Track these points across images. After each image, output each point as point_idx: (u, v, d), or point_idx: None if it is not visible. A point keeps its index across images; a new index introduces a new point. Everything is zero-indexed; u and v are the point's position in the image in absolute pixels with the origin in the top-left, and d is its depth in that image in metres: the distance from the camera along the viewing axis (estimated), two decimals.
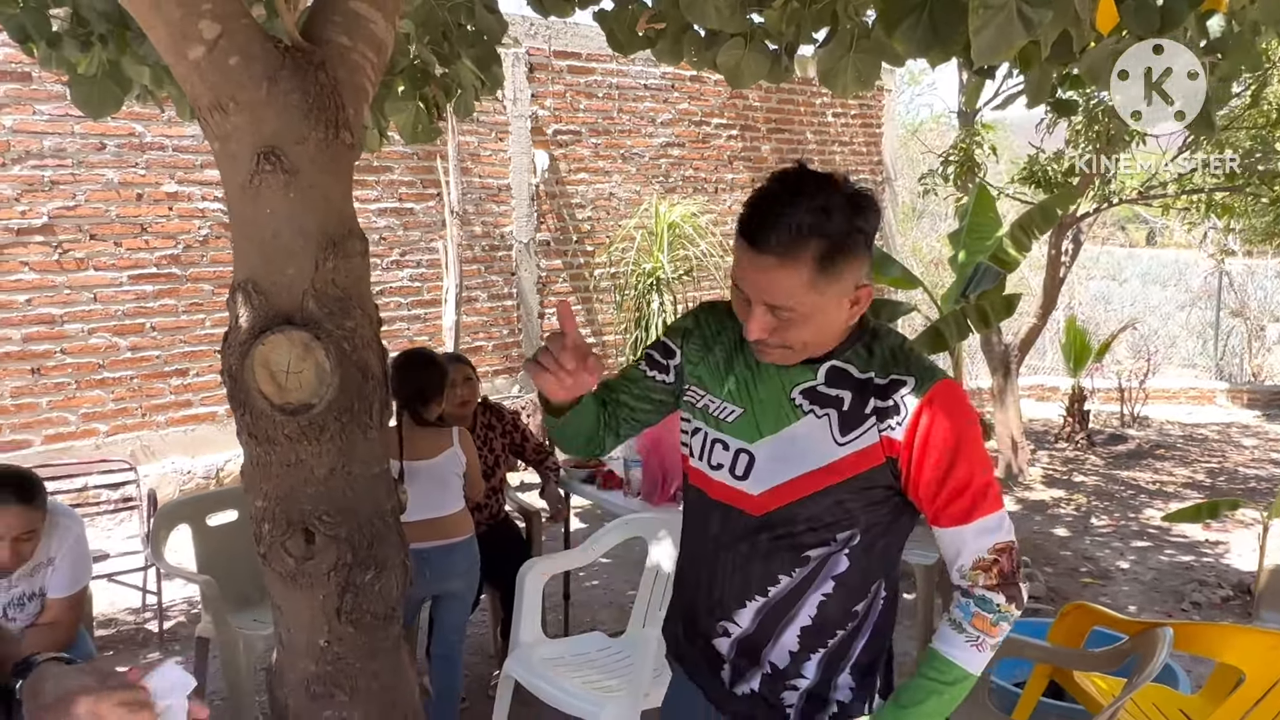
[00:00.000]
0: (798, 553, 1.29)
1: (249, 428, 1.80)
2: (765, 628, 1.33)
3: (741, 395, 1.34)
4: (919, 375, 1.24)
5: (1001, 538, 1.24)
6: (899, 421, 1.23)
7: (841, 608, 1.32)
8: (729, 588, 1.34)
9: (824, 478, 1.25)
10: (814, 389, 1.28)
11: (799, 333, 1.22)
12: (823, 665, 1.34)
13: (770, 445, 1.29)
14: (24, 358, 5.06)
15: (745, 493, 1.31)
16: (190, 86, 1.72)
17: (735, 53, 2.52)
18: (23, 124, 4.99)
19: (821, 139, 8.87)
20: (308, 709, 1.99)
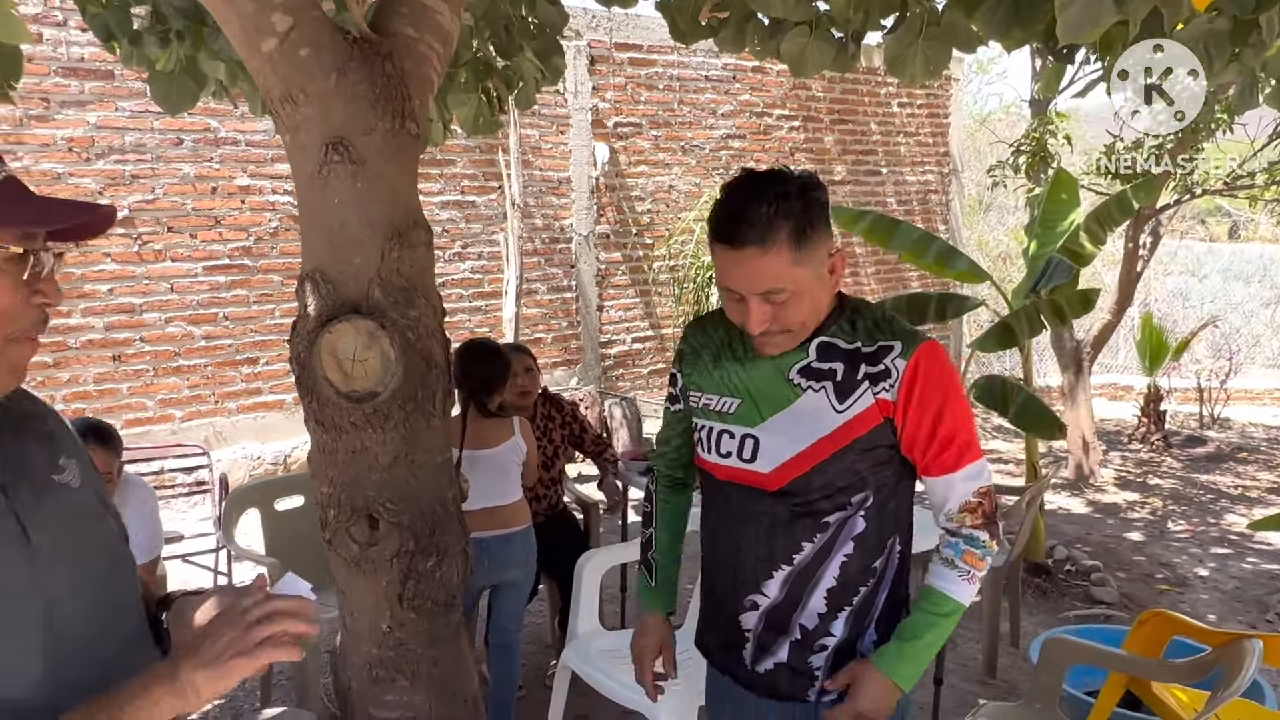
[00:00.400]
0: (817, 519, 1.38)
1: (316, 415, 1.83)
2: (793, 594, 1.41)
3: (735, 387, 1.43)
4: (904, 339, 1.35)
5: (983, 482, 1.38)
6: (891, 384, 1.33)
7: (862, 565, 1.40)
8: (755, 561, 1.42)
9: (830, 445, 1.35)
10: (808, 366, 1.37)
11: (795, 312, 1.32)
12: (849, 622, 1.42)
13: (773, 425, 1.38)
14: (106, 345, 5.27)
15: (755, 472, 1.40)
16: (263, 79, 1.75)
17: (800, 41, 2.48)
18: (106, 120, 5.18)
19: (886, 130, 8.69)
20: (370, 692, 2.02)
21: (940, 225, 9.27)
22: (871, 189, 8.66)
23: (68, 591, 0.87)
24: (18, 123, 4.94)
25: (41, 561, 0.85)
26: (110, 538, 0.99)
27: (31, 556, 0.84)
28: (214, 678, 0.82)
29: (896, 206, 8.89)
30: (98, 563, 0.94)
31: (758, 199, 1.27)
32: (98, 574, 0.93)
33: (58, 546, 0.88)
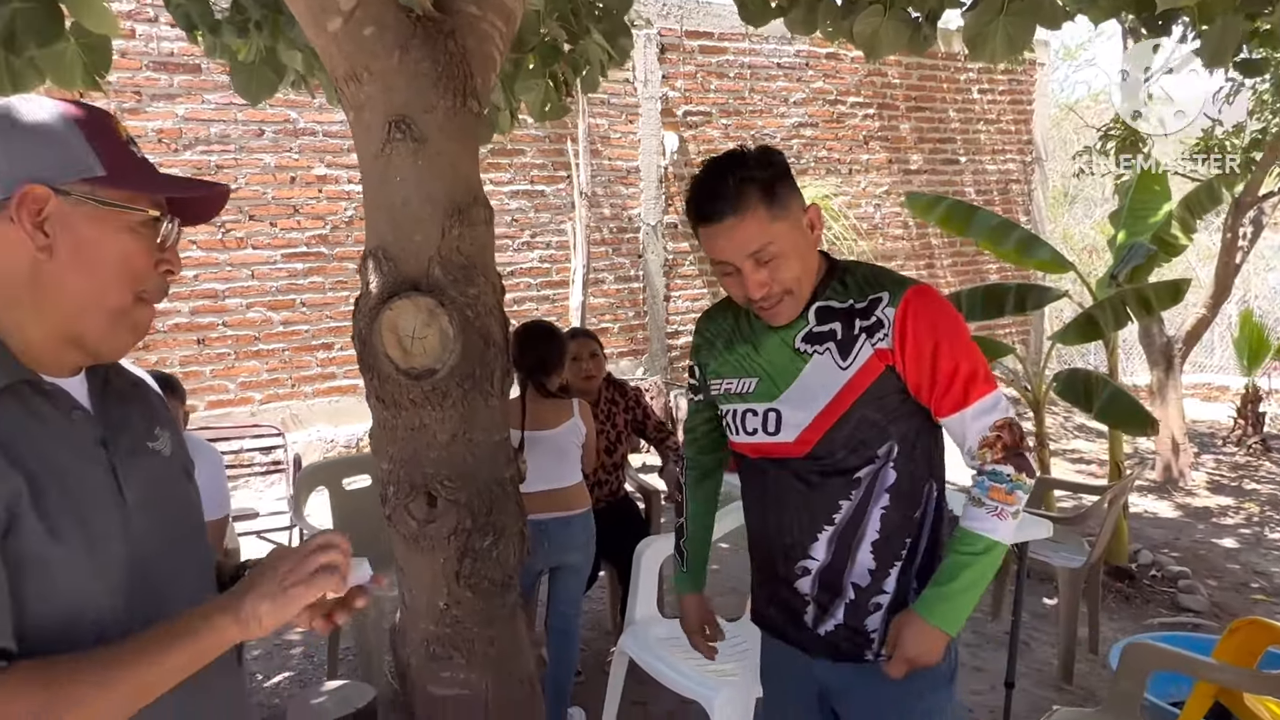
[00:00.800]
0: (848, 476, 1.41)
1: (377, 391, 1.84)
2: (840, 553, 1.44)
3: (751, 367, 1.49)
4: (891, 289, 1.40)
5: (999, 415, 1.38)
6: (885, 333, 1.37)
7: (902, 515, 1.43)
8: (798, 527, 1.46)
9: (842, 401, 1.39)
10: (810, 332, 1.42)
11: (787, 268, 1.37)
12: (900, 577, 1.44)
13: (790, 396, 1.43)
14: (191, 329, 5.49)
15: (782, 443, 1.44)
16: (329, 58, 1.77)
17: (873, 21, 2.40)
18: (193, 113, 5.39)
19: (965, 117, 8.42)
20: (427, 668, 2.04)
21: (1022, 216, 8.95)
22: (949, 178, 8.40)
23: (149, 544, 0.93)
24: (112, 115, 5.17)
25: (130, 515, 0.91)
26: (191, 506, 1.06)
27: (123, 508, 0.90)
28: (275, 606, 0.86)
29: (975, 196, 8.60)
30: (178, 524, 1.00)
31: (721, 176, 1.36)
32: (177, 534, 0.99)
33: (145, 504, 0.93)
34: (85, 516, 0.86)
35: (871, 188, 7.96)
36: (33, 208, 0.85)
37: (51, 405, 0.88)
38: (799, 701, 1.58)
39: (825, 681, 1.53)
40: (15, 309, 0.87)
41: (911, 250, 8.33)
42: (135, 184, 0.90)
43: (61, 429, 0.88)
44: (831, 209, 7.02)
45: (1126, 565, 4.25)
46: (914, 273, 8.39)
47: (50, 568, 0.82)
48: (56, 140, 0.87)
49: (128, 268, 0.90)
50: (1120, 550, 4.26)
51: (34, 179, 0.85)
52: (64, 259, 0.86)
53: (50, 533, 0.81)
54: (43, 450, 0.84)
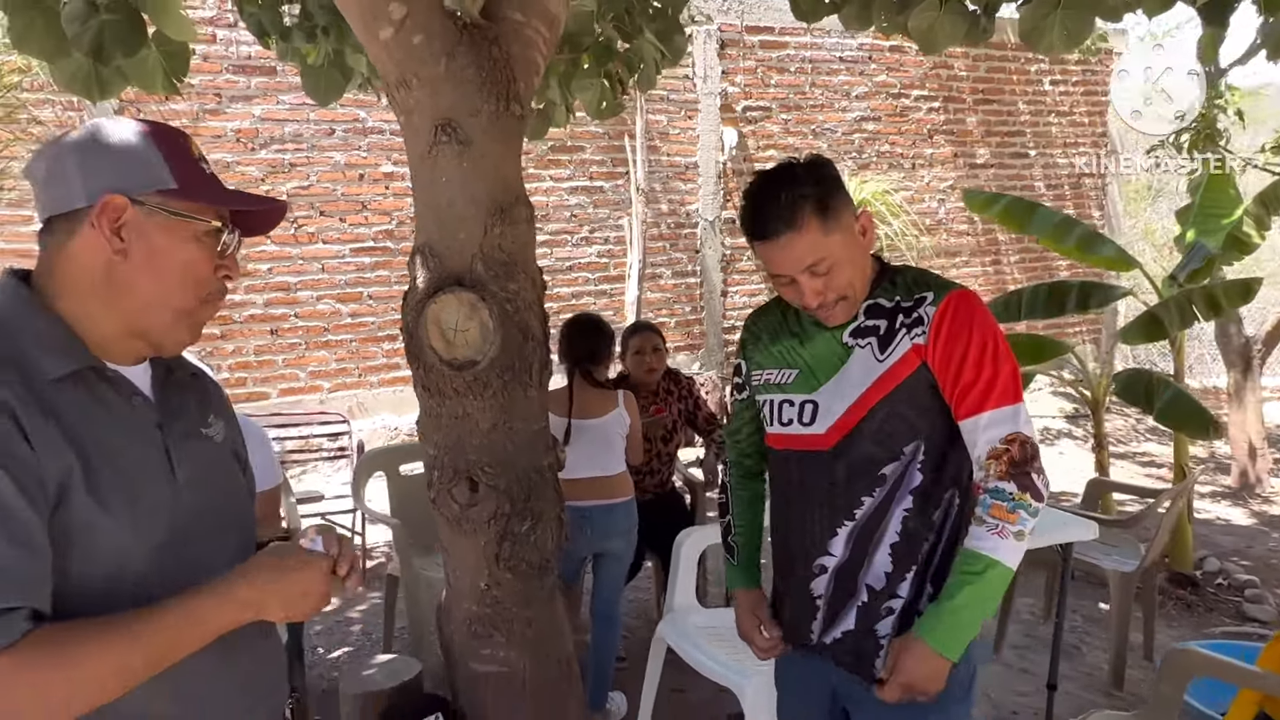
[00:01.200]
0: (873, 471, 1.42)
1: (423, 380, 1.94)
2: (858, 552, 1.45)
3: (793, 359, 1.53)
4: (936, 290, 1.43)
5: (1014, 429, 1.35)
6: (923, 329, 1.40)
7: (923, 518, 1.43)
8: (820, 522, 1.47)
9: (875, 393, 1.42)
10: (859, 327, 1.46)
11: (843, 276, 1.41)
12: (915, 581, 1.44)
13: (830, 388, 1.47)
14: (265, 320, 5.75)
15: (814, 434, 1.47)
16: (381, 65, 1.87)
17: (929, 15, 2.36)
18: (268, 113, 5.63)
19: (1036, 109, 8.19)
20: (469, 646, 2.14)
21: (1095, 211, 8.67)
22: (1018, 172, 8.20)
23: (195, 520, 1.03)
24: (195, 116, 5.45)
25: (180, 492, 1.01)
26: (237, 488, 1.16)
27: (173, 485, 1.01)
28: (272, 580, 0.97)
29: (1045, 191, 8.38)
30: (224, 504, 1.10)
31: (774, 192, 1.39)
32: (222, 512, 1.09)
33: (194, 483, 1.04)
34: (136, 492, 0.95)
35: (935, 183, 7.83)
36: (112, 215, 0.95)
37: (114, 391, 0.98)
38: (812, 705, 1.59)
39: (838, 686, 1.53)
40: (90, 303, 0.97)
41: (977, 246, 8.16)
42: (203, 197, 1.01)
43: (122, 412, 0.98)
44: (891, 204, 6.93)
45: (1190, 572, 4.12)
46: (979, 270, 8.22)
47: (97, 536, 0.91)
48: (136, 156, 0.97)
49: (191, 273, 1.00)
50: (1184, 557, 4.14)
51: (114, 190, 0.95)
52: (136, 262, 0.97)
53: (100, 505, 0.91)
54: (101, 431, 0.94)
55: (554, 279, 6.53)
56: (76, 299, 0.97)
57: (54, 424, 0.89)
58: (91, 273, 0.96)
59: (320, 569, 0.99)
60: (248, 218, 1.08)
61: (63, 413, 0.91)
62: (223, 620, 0.94)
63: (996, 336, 1.40)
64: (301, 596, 0.98)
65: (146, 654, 0.89)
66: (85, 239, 0.96)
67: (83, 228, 0.95)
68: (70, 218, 0.96)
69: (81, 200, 0.95)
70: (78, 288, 0.97)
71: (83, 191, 0.95)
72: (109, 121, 1.00)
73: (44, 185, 0.98)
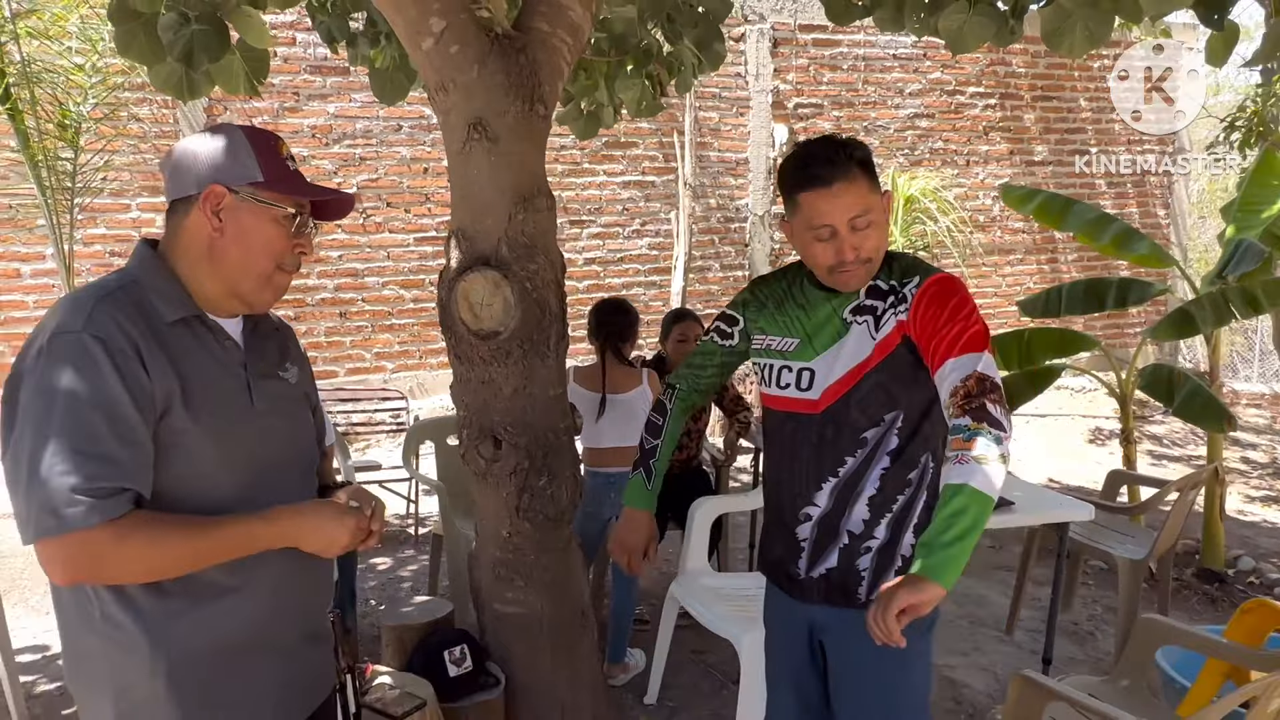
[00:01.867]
0: (856, 434, 1.58)
1: (454, 349, 2.21)
2: (840, 503, 1.61)
3: (796, 328, 1.67)
4: (922, 273, 1.56)
5: (973, 369, 1.41)
6: (906, 307, 1.54)
7: (899, 477, 1.59)
8: (808, 475, 1.63)
9: (863, 367, 1.57)
10: (859, 305, 1.60)
11: (875, 238, 1.54)
12: (891, 526, 1.61)
13: (826, 358, 1.61)
14: (335, 303, 6.16)
15: (808, 399, 1.62)
16: (423, 71, 2.13)
17: (959, 16, 2.44)
18: (341, 110, 6.03)
19: (1098, 106, 8.08)
20: (493, 588, 2.40)
21: (1159, 210, 8.51)
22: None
23: (269, 443, 1.29)
24: (275, 113, 5.87)
25: (256, 418, 1.28)
26: (305, 422, 1.43)
27: (251, 411, 1.27)
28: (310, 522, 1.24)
29: (1106, 189, 8.26)
30: (292, 433, 1.37)
31: (826, 148, 1.54)
32: (290, 440, 1.36)
33: (269, 413, 1.30)
34: (221, 411, 1.22)
35: (990, 180, 7.81)
36: (213, 201, 1.23)
37: (212, 335, 1.26)
38: (791, 639, 1.76)
39: (814, 620, 1.69)
40: (197, 267, 1.25)
41: (1033, 244, 8.11)
42: (284, 189, 1.27)
43: (216, 352, 1.25)
44: (942, 201, 6.97)
45: (1220, 569, 4.14)
46: (1034, 267, 8.16)
47: (189, 446, 1.18)
48: (234, 155, 1.25)
49: (271, 248, 1.27)
50: (1215, 553, 4.16)
51: (217, 181, 1.23)
52: (230, 237, 1.24)
53: (193, 418, 1.18)
54: (200, 365, 1.21)
55: (605, 269, 6.79)
56: (188, 264, 1.25)
57: (165, 356, 1.16)
58: (198, 244, 1.24)
59: (346, 525, 1.25)
60: (323, 206, 1.35)
61: (172, 348, 1.18)
62: (266, 541, 1.20)
63: (970, 305, 1.50)
64: (329, 542, 1.25)
65: (211, 549, 1.16)
66: (194, 218, 1.23)
67: (193, 210, 1.23)
68: (186, 201, 1.24)
69: (194, 188, 1.23)
70: (189, 255, 1.24)
71: (194, 182, 1.23)
72: (219, 126, 1.28)
73: (170, 176, 1.27)
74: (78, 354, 1.10)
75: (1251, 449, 7.02)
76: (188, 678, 1.19)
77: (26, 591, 3.93)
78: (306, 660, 1.35)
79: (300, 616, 1.34)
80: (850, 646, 1.65)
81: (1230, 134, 5.11)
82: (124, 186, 5.60)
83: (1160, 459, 6.73)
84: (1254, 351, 10.04)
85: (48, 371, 1.09)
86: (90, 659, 1.19)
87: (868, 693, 1.63)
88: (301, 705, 1.36)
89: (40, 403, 1.09)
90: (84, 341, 1.10)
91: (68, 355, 1.10)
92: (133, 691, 1.17)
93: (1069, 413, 7.68)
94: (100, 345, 1.10)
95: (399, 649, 2.40)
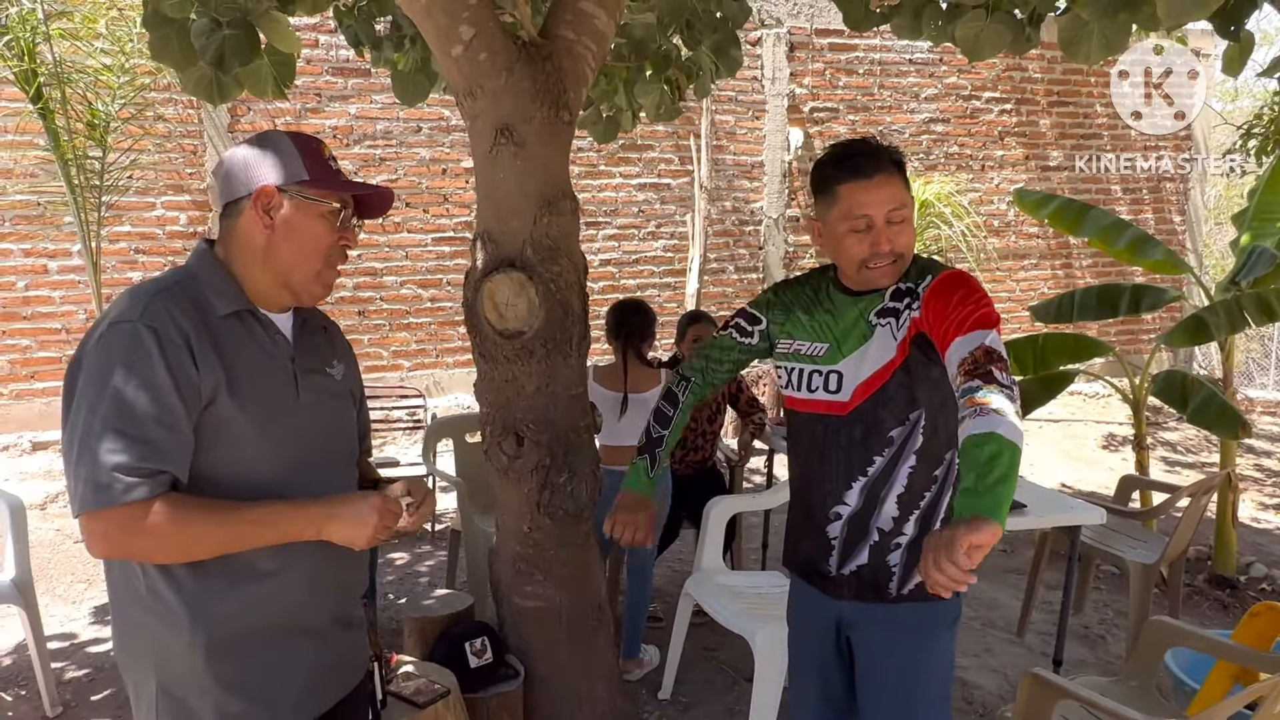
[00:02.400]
0: (883, 434, 1.62)
1: (479, 347, 2.26)
2: (870, 501, 1.65)
3: (825, 334, 1.70)
4: (934, 272, 1.60)
5: (980, 342, 1.42)
6: (919, 304, 1.57)
7: (926, 474, 1.64)
8: (838, 476, 1.67)
9: (889, 368, 1.61)
10: (884, 308, 1.63)
11: (909, 235, 1.60)
12: (919, 522, 1.65)
13: (853, 360, 1.65)
14: (353, 301, 6.24)
15: (837, 401, 1.66)
16: (452, 77, 2.19)
17: (975, 24, 2.48)
18: (362, 111, 6.10)
19: (1114, 112, 8.07)
20: (513, 582, 2.45)
21: (1175, 216, 8.49)
22: (1093, 176, 8.11)
23: (311, 434, 1.35)
24: (297, 114, 5.96)
25: (300, 410, 1.34)
26: (347, 417, 1.47)
27: (296, 403, 1.33)
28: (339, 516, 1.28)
29: (1122, 195, 8.26)
30: (335, 426, 1.42)
31: (869, 146, 1.60)
32: (332, 432, 1.41)
33: (313, 405, 1.36)
34: (266, 404, 1.28)
35: (1005, 185, 7.82)
36: (264, 201, 1.30)
37: (263, 329, 1.32)
38: (818, 634, 1.79)
39: (843, 616, 1.72)
40: (251, 264, 1.31)
41: (1047, 249, 8.11)
42: (328, 186, 1.34)
43: (265, 346, 1.32)
44: (956, 206, 6.99)
45: (1231, 575, 4.16)
46: (1048, 273, 8.17)
47: (233, 433, 1.24)
48: (281, 157, 1.32)
49: (318, 242, 1.33)
50: (1227, 560, 4.17)
51: (266, 182, 1.30)
52: (280, 234, 1.31)
53: (239, 406, 1.23)
54: (248, 356, 1.28)
55: (620, 271, 6.84)
56: (242, 261, 1.31)
57: (215, 348, 1.23)
58: (252, 241, 1.31)
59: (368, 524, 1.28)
60: (365, 203, 1.41)
61: (223, 340, 1.25)
62: (294, 531, 1.25)
63: (979, 292, 1.51)
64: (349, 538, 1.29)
65: (240, 535, 1.22)
66: (247, 218, 1.31)
67: (245, 210, 1.31)
68: (239, 203, 1.31)
69: (244, 190, 1.30)
70: (243, 253, 1.31)
71: (245, 184, 1.30)
72: (265, 133, 1.35)
73: (223, 182, 1.34)
74: (131, 342, 1.17)
75: (1266, 456, 7.01)
76: (225, 654, 1.25)
77: (53, 580, 4.02)
78: (339, 645, 1.41)
79: (335, 602, 1.40)
80: (878, 639, 1.69)
81: (1248, 141, 5.11)
82: (149, 185, 5.70)
83: (1174, 465, 6.73)
84: (1270, 359, 10.00)
85: (103, 357, 1.17)
86: (136, 631, 1.26)
87: (892, 681, 1.67)
88: (333, 688, 1.41)
89: (94, 386, 1.16)
90: (138, 331, 1.17)
91: (122, 343, 1.17)
92: (173, 664, 1.24)
93: (1082, 418, 7.68)
94: (153, 335, 1.17)
95: (420, 640, 2.46)
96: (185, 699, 1.24)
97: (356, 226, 1.39)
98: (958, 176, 7.52)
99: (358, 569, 1.48)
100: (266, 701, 1.29)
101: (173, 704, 1.24)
